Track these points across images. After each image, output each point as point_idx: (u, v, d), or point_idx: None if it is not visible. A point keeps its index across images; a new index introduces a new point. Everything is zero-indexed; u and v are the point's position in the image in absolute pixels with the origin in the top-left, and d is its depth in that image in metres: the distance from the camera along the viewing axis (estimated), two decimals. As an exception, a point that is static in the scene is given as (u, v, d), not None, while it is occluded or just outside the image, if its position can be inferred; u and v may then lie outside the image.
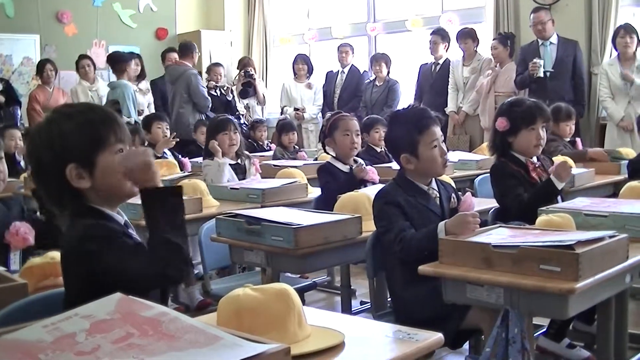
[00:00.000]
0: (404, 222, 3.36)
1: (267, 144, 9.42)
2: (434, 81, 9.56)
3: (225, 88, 10.53)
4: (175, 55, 10.39)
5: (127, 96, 9.12)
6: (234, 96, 10.66)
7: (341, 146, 5.07)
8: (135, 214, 3.02)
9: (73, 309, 1.83)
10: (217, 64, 10.98)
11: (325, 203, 4.70)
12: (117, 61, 9.45)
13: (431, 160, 3.47)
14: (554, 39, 8.32)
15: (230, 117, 6.04)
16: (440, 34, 9.55)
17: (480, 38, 9.29)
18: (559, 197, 4.15)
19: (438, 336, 2.15)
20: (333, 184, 4.88)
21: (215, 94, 10.38)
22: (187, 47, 10.01)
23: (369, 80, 10.06)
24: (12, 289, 2.54)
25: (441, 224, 3.24)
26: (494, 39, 8.96)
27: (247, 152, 6.17)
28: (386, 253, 3.48)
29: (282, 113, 10.45)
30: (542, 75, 8.17)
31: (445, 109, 9.21)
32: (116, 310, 1.83)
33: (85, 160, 2.24)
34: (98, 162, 2.25)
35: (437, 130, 3.53)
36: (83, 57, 10.04)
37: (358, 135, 5.14)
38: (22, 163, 7.76)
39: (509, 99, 4.40)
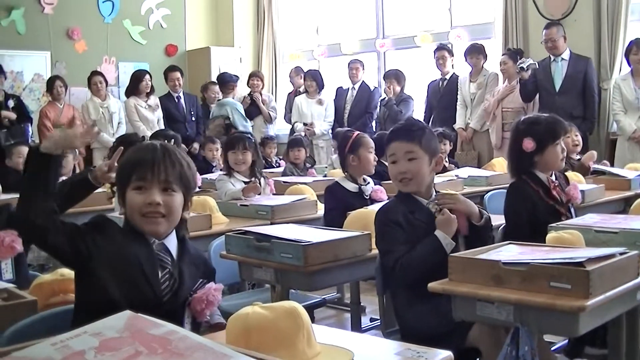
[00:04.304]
0: (403, 244, 3.35)
1: (277, 160, 9.41)
2: (441, 97, 9.56)
3: None
4: (178, 75, 10.46)
5: (236, 112, 10.29)
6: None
7: (365, 163, 5.08)
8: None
9: (80, 325, 1.84)
10: (213, 82, 11.06)
11: (330, 225, 4.67)
12: (224, 82, 10.63)
13: None
14: (566, 55, 8.28)
15: (245, 135, 6.03)
16: (446, 49, 9.57)
17: (489, 54, 9.29)
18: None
19: (448, 354, 2.14)
20: (337, 208, 4.85)
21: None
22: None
23: (382, 98, 10.03)
24: (22, 305, 2.55)
25: (439, 232, 3.29)
26: (503, 54, 8.96)
27: (262, 171, 6.15)
28: (388, 273, 3.47)
29: (292, 129, 10.45)
30: (525, 69, 8.19)
31: (453, 125, 9.21)
32: (125, 328, 1.83)
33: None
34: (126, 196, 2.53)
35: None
36: (95, 73, 10.08)
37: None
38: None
39: (523, 118, 4.32)
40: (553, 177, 4.15)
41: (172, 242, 2.54)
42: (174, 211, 2.50)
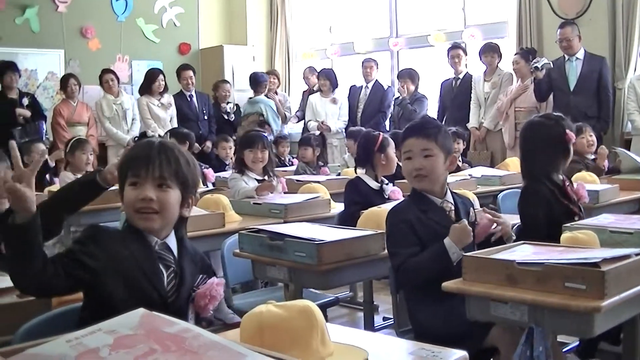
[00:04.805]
0: (412, 245, 3.34)
1: (290, 159, 9.41)
2: (455, 96, 9.54)
3: (229, 107, 10.65)
4: (190, 73, 10.47)
5: (269, 109, 10.65)
6: (238, 113, 10.88)
7: (392, 163, 5.15)
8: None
9: (87, 321, 1.85)
10: (224, 81, 11.08)
11: (348, 219, 4.69)
12: (256, 81, 10.78)
13: None
14: (580, 54, 8.23)
15: (262, 133, 6.05)
16: (461, 48, 9.56)
17: (503, 53, 9.26)
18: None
19: (463, 355, 2.13)
20: (358, 203, 4.88)
21: (224, 113, 10.63)
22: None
23: (396, 97, 10.02)
24: (36, 302, 2.55)
25: (448, 240, 3.26)
26: (515, 54, 8.92)
27: (275, 170, 6.16)
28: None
29: (305, 127, 10.44)
30: (539, 68, 8.16)
31: (467, 124, 9.19)
32: (139, 325, 1.83)
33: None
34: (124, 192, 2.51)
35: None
36: (106, 71, 10.09)
37: None
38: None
39: (528, 121, 4.28)
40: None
41: (172, 241, 2.55)
42: (169, 207, 2.48)
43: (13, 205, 2.22)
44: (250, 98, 10.79)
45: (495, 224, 3.51)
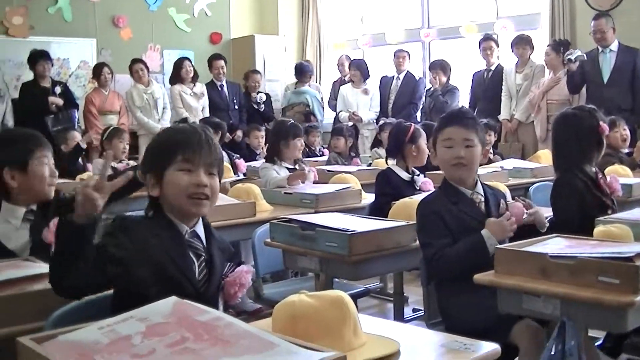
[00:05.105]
0: (445, 237, 3.32)
1: (320, 149, 9.40)
2: (486, 88, 9.48)
3: (259, 97, 10.64)
4: (222, 63, 10.48)
5: (316, 100, 10.84)
6: (269, 103, 10.87)
7: (423, 154, 5.14)
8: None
9: (119, 309, 1.85)
10: (255, 71, 11.08)
11: (378, 211, 4.69)
12: (302, 71, 11.08)
13: None
14: (614, 46, 8.16)
15: (296, 123, 6.09)
16: (493, 40, 9.49)
17: (535, 45, 9.19)
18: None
19: (495, 347, 2.12)
20: (389, 194, 4.88)
21: (254, 103, 10.61)
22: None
23: (428, 88, 9.97)
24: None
25: (486, 232, 3.24)
26: (547, 46, 8.85)
27: (305, 160, 6.21)
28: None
29: (336, 118, 10.42)
30: (573, 60, 8.09)
31: (498, 116, 9.14)
32: (172, 313, 1.83)
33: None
34: (165, 175, 2.46)
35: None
36: (136, 61, 10.11)
37: None
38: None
39: (561, 113, 4.25)
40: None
41: (201, 229, 2.55)
42: (216, 193, 2.52)
43: (79, 208, 2.24)
44: (297, 89, 10.83)
45: (526, 214, 3.48)
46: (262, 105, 10.66)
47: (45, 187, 3.26)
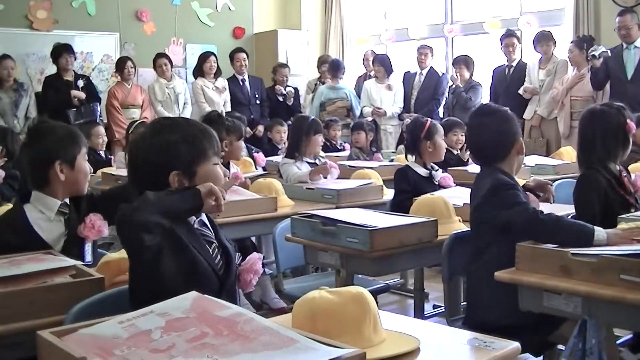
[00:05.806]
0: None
1: (341, 143, 9.36)
2: (508, 84, 9.40)
3: (287, 91, 10.61)
4: (244, 55, 10.48)
5: (354, 97, 10.56)
6: (297, 97, 10.85)
7: (439, 150, 5.12)
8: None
9: (139, 302, 1.85)
10: (283, 65, 11.04)
11: (397, 207, 4.67)
12: (337, 67, 10.66)
13: None
14: (639, 42, 8.09)
15: (315, 118, 6.12)
16: (515, 36, 9.43)
17: (559, 41, 9.12)
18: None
19: (515, 345, 2.10)
20: (408, 191, 4.86)
21: (280, 98, 10.60)
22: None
23: (450, 85, 9.93)
24: (90, 283, 2.57)
25: (600, 230, 3.09)
26: (571, 42, 8.79)
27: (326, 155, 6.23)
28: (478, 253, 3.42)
29: (361, 113, 10.39)
30: (597, 56, 8.02)
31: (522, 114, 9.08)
32: (192, 309, 1.83)
33: (188, 169, 2.42)
34: (198, 172, 2.44)
35: None
36: (160, 55, 10.14)
37: None
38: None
39: (588, 109, 4.22)
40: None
41: (205, 218, 2.55)
42: None
43: (204, 199, 2.32)
44: (331, 85, 10.70)
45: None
46: (292, 100, 10.62)
47: (86, 183, 3.32)
